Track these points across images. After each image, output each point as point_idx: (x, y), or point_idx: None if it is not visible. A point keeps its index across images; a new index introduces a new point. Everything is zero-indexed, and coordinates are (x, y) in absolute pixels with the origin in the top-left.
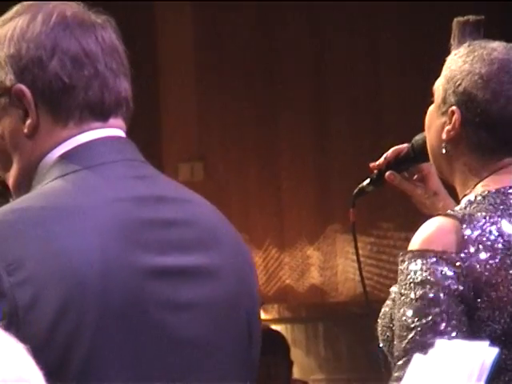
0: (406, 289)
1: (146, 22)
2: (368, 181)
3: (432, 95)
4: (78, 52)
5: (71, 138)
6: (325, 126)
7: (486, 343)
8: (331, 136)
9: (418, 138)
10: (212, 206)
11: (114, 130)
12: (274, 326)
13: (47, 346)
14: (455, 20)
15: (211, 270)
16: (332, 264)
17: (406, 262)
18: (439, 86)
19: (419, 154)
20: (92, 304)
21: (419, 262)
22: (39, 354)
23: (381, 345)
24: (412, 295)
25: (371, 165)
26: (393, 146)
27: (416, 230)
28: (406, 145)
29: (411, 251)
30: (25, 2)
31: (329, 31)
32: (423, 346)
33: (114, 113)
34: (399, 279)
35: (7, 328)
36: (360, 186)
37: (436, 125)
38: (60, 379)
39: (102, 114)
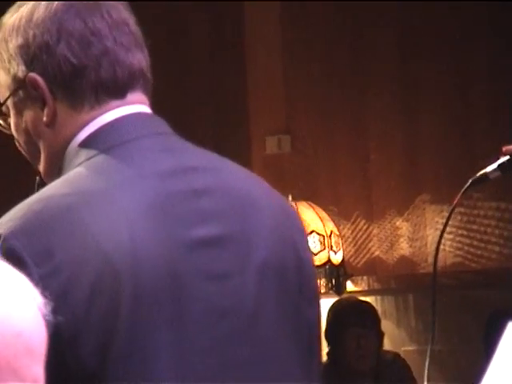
0: None
1: (234, 1)
2: (495, 166)
3: None
4: (84, 31)
5: (92, 120)
6: (414, 96)
7: None
8: (420, 106)
9: None
10: (248, 172)
11: (135, 106)
12: (363, 298)
13: (85, 331)
14: None
15: (249, 236)
16: (422, 235)
17: None
18: None
19: None
20: (125, 284)
21: None
22: (79, 341)
23: None
24: None
25: (504, 148)
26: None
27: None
28: None
29: None
30: None
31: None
32: None
33: (129, 88)
34: None
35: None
36: (483, 171)
37: None
38: (105, 360)
39: (117, 91)
